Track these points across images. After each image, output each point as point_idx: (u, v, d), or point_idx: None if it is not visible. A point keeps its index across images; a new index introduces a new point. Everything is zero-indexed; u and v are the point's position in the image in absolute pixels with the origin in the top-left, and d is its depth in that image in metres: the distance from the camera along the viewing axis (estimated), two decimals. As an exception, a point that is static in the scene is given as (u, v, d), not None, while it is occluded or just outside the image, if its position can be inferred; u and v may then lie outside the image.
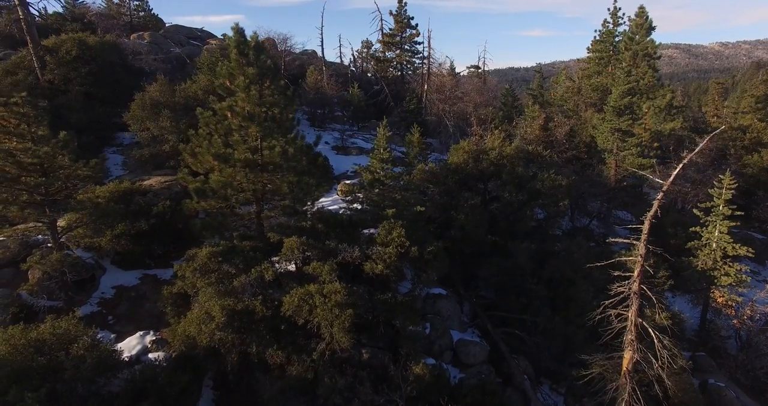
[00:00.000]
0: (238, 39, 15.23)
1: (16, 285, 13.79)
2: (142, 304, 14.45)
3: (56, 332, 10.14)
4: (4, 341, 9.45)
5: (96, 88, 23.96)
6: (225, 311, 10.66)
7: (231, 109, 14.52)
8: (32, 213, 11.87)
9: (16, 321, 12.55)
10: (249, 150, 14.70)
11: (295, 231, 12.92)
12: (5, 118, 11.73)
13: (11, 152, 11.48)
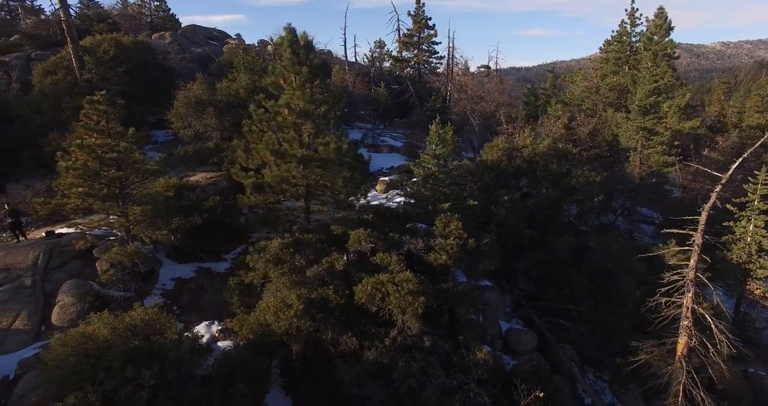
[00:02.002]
0: (291, 39, 15.77)
1: (85, 275, 14.26)
2: (202, 295, 14.95)
3: (145, 319, 10.62)
4: (106, 325, 9.93)
5: (131, 87, 24.41)
6: (302, 299, 11.17)
7: (288, 106, 15.04)
8: (112, 205, 12.34)
9: (92, 310, 13.06)
10: (303, 146, 15.26)
11: (358, 223, 13.46)
12: (88, 115, 12.19)
13: (93, 148, 11.96)
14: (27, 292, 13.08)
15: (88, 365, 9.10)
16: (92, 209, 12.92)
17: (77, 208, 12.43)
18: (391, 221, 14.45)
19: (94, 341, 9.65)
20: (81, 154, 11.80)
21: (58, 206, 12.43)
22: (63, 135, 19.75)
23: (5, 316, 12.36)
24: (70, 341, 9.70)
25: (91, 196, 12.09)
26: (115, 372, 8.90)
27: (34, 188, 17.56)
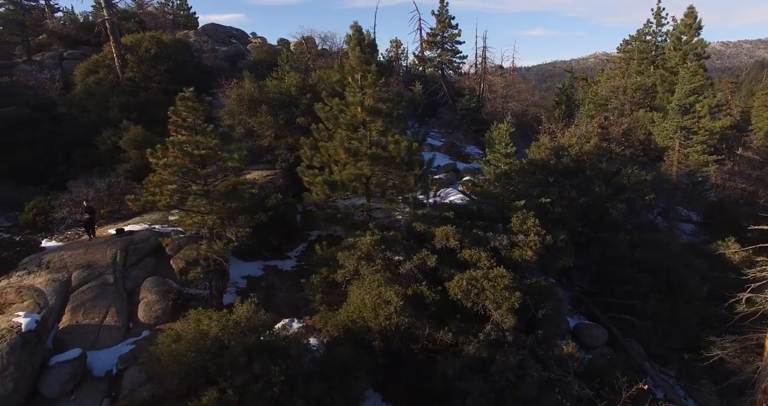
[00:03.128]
0: (358, 37, 15.90)
1: (160, 273, 14.32)
2: (275, 293, 15.05)
3: (248, 316, 10.71)
4: (216, 322, 10.01)
5: (172, 84, 24.33)
6: (400, 296, 11.31)
7: (361, 104, 15.16)
8: (202, 202, 12.39)
9: (176, 308, 13.15)
10: (373, 144, 15.38)
11: (441, 221, 13.63)
12: (177, 112, 12.23)
13: (184, 145, 12.00)
14: (111, 289, 13.11)
15: (212, 361, 9.19)
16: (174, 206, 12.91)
17: (167, 205, 12.43)
18: (465, 219, 14.62)
19: (209, 338, 9.73)
20: (174, 151, 11.82)
21: (148, 203, 12.43)
22: (115, 133, 19.80)
23: (96, 313, 12.39)
24: (186, 338, 9.77)
25: (182, 194, 12.12)
26: (241, 368, 9.00)
27: (95, 186, 17.51)
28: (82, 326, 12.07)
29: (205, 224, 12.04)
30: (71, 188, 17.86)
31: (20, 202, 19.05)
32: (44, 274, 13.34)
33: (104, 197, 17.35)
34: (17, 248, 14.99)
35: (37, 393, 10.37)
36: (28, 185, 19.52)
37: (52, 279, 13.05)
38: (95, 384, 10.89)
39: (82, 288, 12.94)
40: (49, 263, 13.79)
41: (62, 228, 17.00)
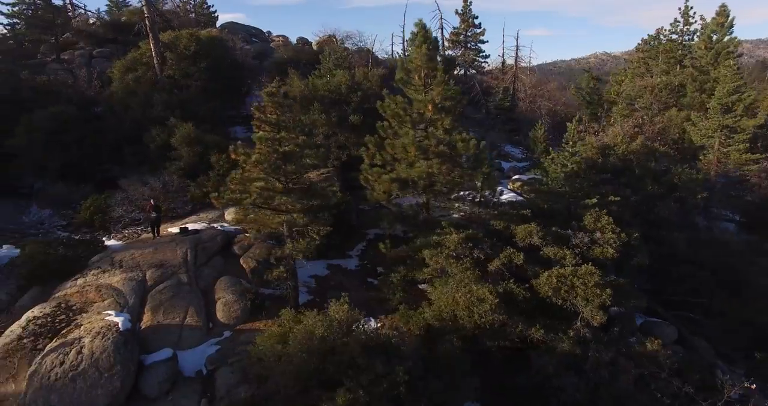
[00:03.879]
0: (423, 35, 15.83)
1: (230, 272, 14.19)
2: (347, 292, 14.85)
3: (345, 316, 10.58)
4: (320, 323, 9.87)
5: (211, 82, 24.19)
6: (494, 293, 11.23)
7: (432, 101, 15.07)
8: (288, 201, 12.23)
9: (254, 308, 13.01)
10: (441, 142, 15.28)
11: (519, 219, 13.57)
12: (262, 107, 12.07)
13: (271, 141, 11.84)
14: (186, 288, 12.94)
15: (329, 361, 9.04)
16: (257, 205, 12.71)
17: (253, 203, 12.26)
18: (536, 217, 14.55)
19: (317, 338, 9.58)
20: (262, 147, 11.65)
21: (231, 202, 12.28)
22: (163, 131, 19.60)
23: (176, 313, 12.21)
24: (296, 338, 9.61)
25: (270, 191, 11.96)
26: (362, 368, 8.86)
27: (150, 185, 17.30)
28: (164, 326, 11.89)
29: (294, 222, 11.85)
30: (125, 187, 17.64)
31: (71, 200, 18.90)
32: (119, 273, 13.16)
33: (160, 196, 17.14)
34: (84, 246, 14.76)
35: (135, 392, 10.19)
36: (76, 184, 19.29)
37: (128, 278, 12.87)
38: (189, 384, 10.73)
39: (158, 287, 12.77)
40: (122, 261, 13.61)
41: (119, 227, 16.83)
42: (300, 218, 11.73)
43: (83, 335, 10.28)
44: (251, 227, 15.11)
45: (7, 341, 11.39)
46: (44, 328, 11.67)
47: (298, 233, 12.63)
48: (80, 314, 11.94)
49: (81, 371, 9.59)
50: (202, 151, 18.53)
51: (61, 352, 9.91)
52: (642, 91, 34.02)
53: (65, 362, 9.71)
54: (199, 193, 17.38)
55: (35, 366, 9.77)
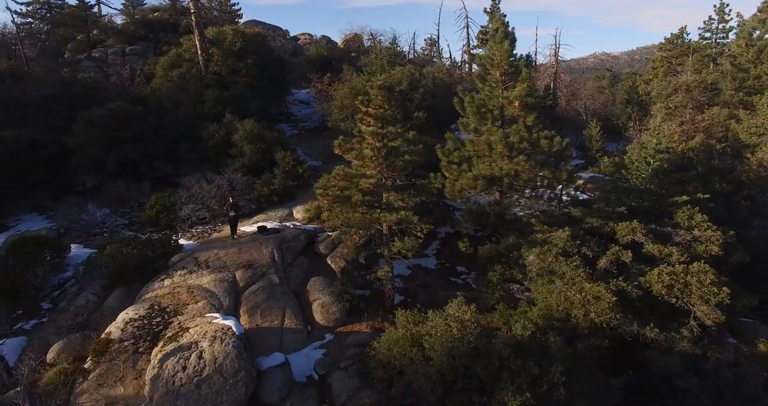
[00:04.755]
0: (505, 30, 15.53)
1: (316, 272, 13.72)
2: (435, 292, 14.47)
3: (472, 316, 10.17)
4: (453, 324, 9.47)
5: (257, 79, 23.71)
6: (609, 292, 10.87)
7: (520, 98, 14.72)
8: (399, 198, 11.78)
9: (351, 309, 12.56)
10: (524, 140, 14.92)
11: (617, 216, 13.23)
12: (368, 101, 11.64)
13: (381, 136, 11.41)
14: (279, 290, 12.47)
15: (478, 364, 8.64)
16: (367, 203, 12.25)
17: (361, 201, 11.76)
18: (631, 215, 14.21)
19: (454, 340, 9.18)
20: (373, 141, 11.22)
21: (336, 198, 11.80)
22: (221, 128, 19.11)
23: (273, 315, 11.74)
24: (436, 340, 9.18)
25: (381, 187, 11.51)
26: (514, 371, 8.47)
27: (216, 183, 16.80)
28: (263, 329, 11.41)
29: (406, 219, 11.41)
30: (188, 185, 17.12)
31: (128, 199, 18.36)
32: (207, 273, 12.67)
33: (227, 194, 16.65)
34: (161, 246, 14.24)
35: (253, 399, 9.71)
36: (133, 182, 18.75)
37: (218, 279, 12.39)
38: (303, 390, 10.27)
39: (251, 289, 12.29)
40: (207, 262, 13.12)
41: (186, 226, 16.32)
42: (410, 216, 11.29)
43: (198, 338, 9.79)
44: (335, 225, 14.70)
45: (110, 344, 10.92)
46: (142, 330, 11.23)
47: (400, 231, 12.18)
48: (175, 316, 11.48)
49: (206, 376, 9.12)
50: (265, 147, 18.05)
51: (180, 356, 9.43)
52: (671, 90, 33.92)
53: (187, 367, 9.23)
54: (266, 191, 16.90)
55: (155, 370, 9.29)
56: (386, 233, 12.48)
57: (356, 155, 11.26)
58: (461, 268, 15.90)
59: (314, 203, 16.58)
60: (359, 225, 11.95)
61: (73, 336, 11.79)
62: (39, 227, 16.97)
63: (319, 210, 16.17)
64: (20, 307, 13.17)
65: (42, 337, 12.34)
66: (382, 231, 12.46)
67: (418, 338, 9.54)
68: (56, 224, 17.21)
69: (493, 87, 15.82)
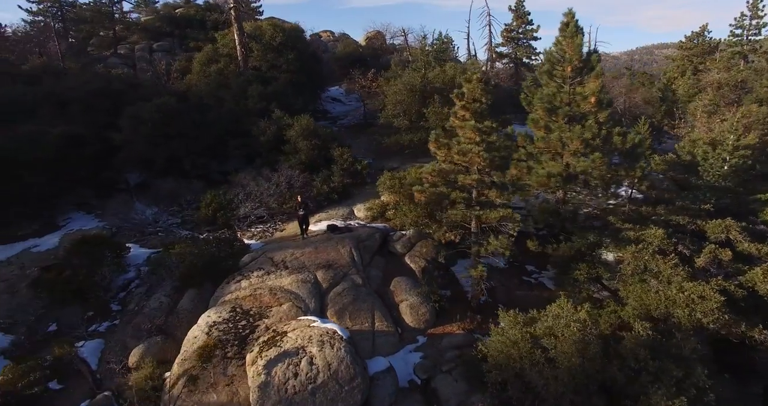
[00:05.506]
0: (576, 25, 15.13)
1: (398, 273, 13.19)
2: (512, 291, 14.06)
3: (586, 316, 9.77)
4: (574, 323, 9.08)
5: (297, 75, 23.20)
6: (715, 292, 10.51)
7: (596, 94, 14.33)
8: (499, 194, 11.34)
9: (440, 309, 12.13)
10: (596, 136, 14.54)
11: (696, 213, 12.93)
12: (460, 96, 11.20)
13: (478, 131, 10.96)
14: (364, 291, 12.01)
15: (614, 365, 8.25)
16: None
17: (466, 199, 11.30)
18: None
19: (583, 342, 8.78)
20: (474, 135, 10.75)
21: (433, 195, 11.33)
22: (272, 123, 18.61)
23: (362, 317, 11.29)
24: (570, 341, 8.75)
25: (483, 183, 11.05)
26: (652, 373, 8.08)
27: (275, 180, 16.29)
28: (354, 332, 10.91)
29: (510, 217, 10.98)
30: (242, 182, 16.59)
31: (177, 196, 17.83)
32: (286, 274, 12.19)
33: (285, 192, 16.17)
34: (228, 246, 13.73)
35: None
36: (180, 179, 18.22)
37: (300, 280, 11.91)
38: (409, 395, 9.83)
39: (336, 290, 11.82)
40: (284, 262, 12.64)
41: (244, 225, 15.82)
42: (512, 213, 10.86)
43: (303, 343, 9.32)
44: (405, 223, 14.32)
45: (195, 349, 10.44)
46: (228, 334, 10.74)
47: (490, 229, 11.76)
48: (260, 320, 11.01)
49: (320, 383, 8.65)
50: (320, 144, 17.57)
51: (288, 362, 8.95)
52: (698, 89, 33.70)
53: (299, 374, 8.76)
54: (326, 189, 16.41)
55: (263, 377, 8.82)
56: (475, 231, 12.05)
57: (457, 151, 10.77)
58: (531, 267, 15.52)
59: (376, 201, 16.15)
60: (450, 224, 11.49)
61: (153, 339, 11.32)
62: (90, 226, 16.43)
63: (384, 208, 15.75)
64: (91, 308, 12.68)
65: (118, 339, 11.86)
66: (470, 230, 12.04)
67: (536, 339, 9.12)
68: (107, 223, 16.66)
69: (561, 83, 15.44)
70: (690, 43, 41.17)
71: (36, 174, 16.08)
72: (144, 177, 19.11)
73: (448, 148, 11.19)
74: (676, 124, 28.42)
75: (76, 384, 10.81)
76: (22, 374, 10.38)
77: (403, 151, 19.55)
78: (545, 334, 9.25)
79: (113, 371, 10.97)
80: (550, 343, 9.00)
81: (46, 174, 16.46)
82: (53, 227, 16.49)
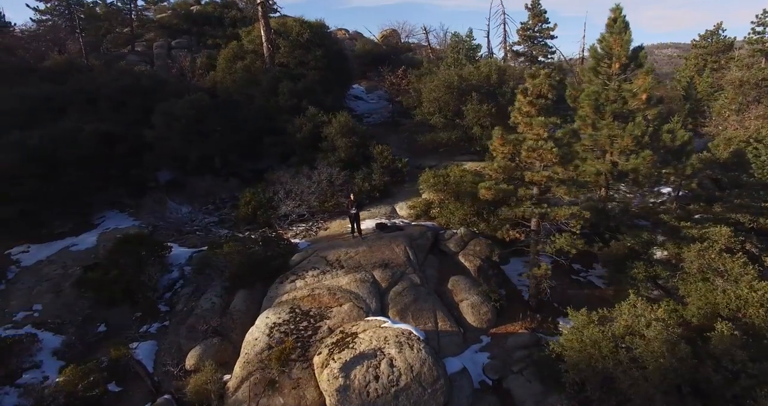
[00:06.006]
0: (624, 21, 14.97)
1: (451, 272, 12.96)
2: (563, 290, 13.82)
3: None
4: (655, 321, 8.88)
5: (325, 72, 22.89)
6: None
7: (648, 90, 14.14)
8: (567, 191, 11.11)
9: (500, 308, 11.93)
10: (645, 134, 14.36)
11: (757, 211, 12.81)
12: (525, 91, 10.96)
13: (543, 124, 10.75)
14: (423, 290, 11.77)
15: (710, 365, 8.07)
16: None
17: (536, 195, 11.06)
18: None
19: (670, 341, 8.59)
20: (543, 131, 10.53)
21: (500, 192, 11.07)
22: (308, 120, 18.34)
23: (425, 317, 11.06)
24: (651, 343, 8.55)
25: (551, 180, 10.82)
26: (754, 375, 7.90)
27: (314, 178, 16.01)
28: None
29: (579, 215, 10.76)
30: (281, 180, 16.28)
31: (210, 195, 17.55)
32: (343, 274, 11.94)
33: (327, 190, 15.90)
34: (275, 245, 13.47)
35: (441, 409, 9.03)
36: (215, 177, 17.94)
37: (358, 279, 11.66)
38: (482, 397, 9.60)
39: (395, 289, 11.58)
40: (339, 261, 12.39)
41: (286, 224, 15.54)
42: (581, 211, 10.65)
43: (379, 345, 9.08)
44: (453, 222, 14.12)
45: (258, 351, 10.18)
46: (290, 336, 10.50)
47: (552, 227, 11.56)
48: (322, 321, 10.76)
49: (403, 386, 8.42)
50: (359, 141, 17.31)
51: (367, 365, 8.71)
52: (714, 88, 33.65)
53: (380, 377, 8.52)
54: (367, 187, 16.16)
55: (341, 380, 8.57)
56: (535, 228, 11.84)
57: (527, 147, 10.53)
58: (577, 265, 15.32)
59: (418, 199, 15.93)
60: (506, 221, 11.28)
61: (210, 341, 11.03)
62: (125, 225, 16.09)
63: (427, 206, 15.52)
64: (138, 309, 12.39)
65: (171, 341, 11.57)
66: (530, 228, 11.84)
67: (618, 338, 8.92)
68: (142, 222, 16.33)
69: (606, 80, 15.27)
70: (704, 42, 41.05)
71: (72, 172, 15.77)
72: (174, 175, 18.78)
73: (513, 145, 10.96)
74: (704, 122, 28.32)
75: (135, 386, 10.54)
76: (82, 376, 10.09)
77: (437, 150, 19.32)
78: (626, 333, 9.05)
79: (170, 373, 10.68)
80: (633, 342, 8.80)
81: (81, 172, 16.15)
82: (88, 226, 16.16)
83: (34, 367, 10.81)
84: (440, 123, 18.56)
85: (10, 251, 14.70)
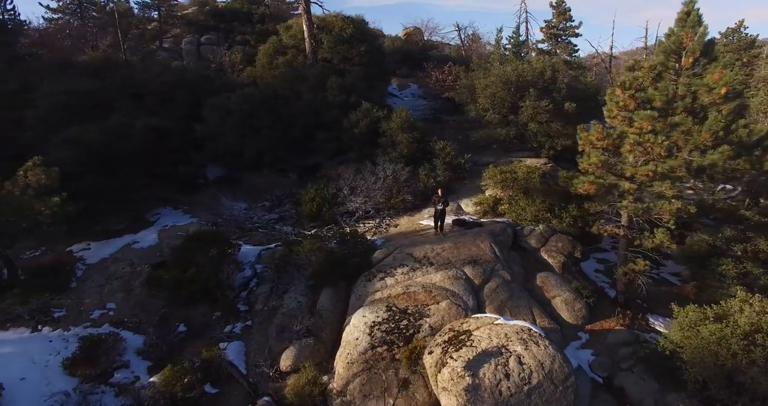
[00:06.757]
0: (698, 14, 14.80)
1: (533, 268, 12.72)
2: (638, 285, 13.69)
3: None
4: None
5: (369, 67, 22.57)
6: None
7: (728, 85, 13.99)
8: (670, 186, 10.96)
9: (592, 306, 11.73)
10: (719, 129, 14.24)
11: None
12: (624, 85, 10.77)
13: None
14: (515, 287, 11.54)
15: None
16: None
17: None
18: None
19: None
20: (647, 125, 10.34)
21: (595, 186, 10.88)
22: (365, 116, 18.03)
23: (523, 314, 10.79)
24: None
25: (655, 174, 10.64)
26: None
27: (381, 174, 15.71)
28: (518, 329, 10.47)
29: (685, 210, 10.60)
30: (344, 175, 15.98)
31: (266, 191, 17.20)
32: (433, 271, 11.69)
33: (392, 186, 15.62)
34: (353, 243, 13.16)
35: (564, 408, 8.79)
36: (271, 173, 17.59)
37: (451, 276, 11.40)
38: (596, 394, 9.40)
39: (489, 286, 11.34)
40: (427, 258, 12.13)
41: (352, 220, 15.24)
42: (687, 206, 10.48)
43: (502, 342, 8.83)
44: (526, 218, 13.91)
45: (362, 351, 9.89)
46: (392, 335, 10.24)
47: (649, 222, 11.38)
48: (421, 319, 10.50)
49: (536, 384, 8.18)
50: (419, 137, 17.06)
51: (495, 363, 8.44)
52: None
53: (511, 375, 8.27)
54: (432, 183, 15.89)
55: (469, 380, 8.29)
56: (625, 224, 11.67)
57: (633, 141, 10.33)
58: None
59: (484, 196, 15.72)
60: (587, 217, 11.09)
61: (305, 341, 10.70)
62: (183, 222, 15.70)
63: (495, 203, 15.31)
64: (218, 309, 12.02)
65: (259, 341, 11.23)
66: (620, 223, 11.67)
67: (747, 336, 8.73)
68: (199, 219, 15.94)
69: (674, 75, 15.13)
70: (725, 39, 41.27)
71: (124, 168, 15.34)
72: (226, 171, 18.39)
73: (612, 139, 10.77)
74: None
75: (231, 388, 10.19)
76: (179, 377, 9.73)
77: (490, 146, 19.10)
78: (754, 330, 8.87)
79: (265, 374, 10.36)
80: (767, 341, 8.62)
81: (132, 168, 15.71)
82: (144, 223, 15.74)
83: (123, 366, 10.46)
84: (496, 119, 18.33)
85: (71, 248, 14.28)
